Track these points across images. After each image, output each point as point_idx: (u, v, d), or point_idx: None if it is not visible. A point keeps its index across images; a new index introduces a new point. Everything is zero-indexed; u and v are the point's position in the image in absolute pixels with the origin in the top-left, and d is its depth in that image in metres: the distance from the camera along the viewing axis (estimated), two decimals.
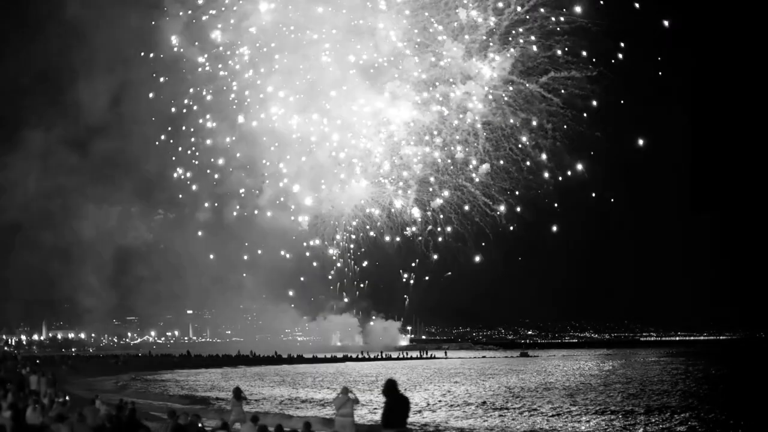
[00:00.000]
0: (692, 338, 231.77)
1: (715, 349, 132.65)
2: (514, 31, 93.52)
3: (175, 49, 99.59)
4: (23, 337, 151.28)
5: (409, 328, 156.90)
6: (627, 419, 28.44)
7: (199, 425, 15.89)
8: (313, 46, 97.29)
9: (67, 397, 24.50)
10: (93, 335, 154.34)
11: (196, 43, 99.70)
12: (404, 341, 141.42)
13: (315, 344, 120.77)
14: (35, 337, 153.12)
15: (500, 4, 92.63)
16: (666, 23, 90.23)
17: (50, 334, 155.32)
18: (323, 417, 27.26)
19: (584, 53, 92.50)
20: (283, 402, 37.62)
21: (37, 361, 66.68)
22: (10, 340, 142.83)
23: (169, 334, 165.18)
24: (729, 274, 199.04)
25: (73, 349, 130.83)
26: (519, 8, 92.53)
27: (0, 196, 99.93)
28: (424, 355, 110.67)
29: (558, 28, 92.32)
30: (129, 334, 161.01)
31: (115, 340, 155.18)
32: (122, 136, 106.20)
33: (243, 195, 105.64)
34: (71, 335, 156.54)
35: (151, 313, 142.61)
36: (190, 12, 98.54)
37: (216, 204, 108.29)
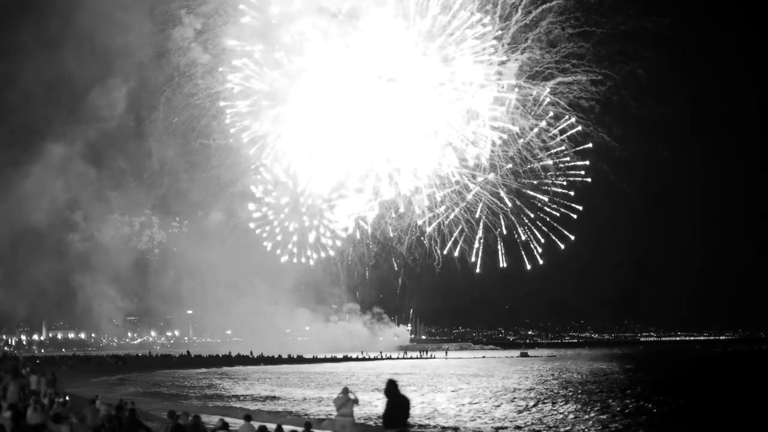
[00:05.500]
0: (692, 338, 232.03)
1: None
2: (520, 36, 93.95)
3: (189, 55, 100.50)
4: (23, 337, 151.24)
5: (409, 328, 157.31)
6: None
7: (200, 425, 15.86)
8: (324, 51, 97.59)
9: (67, 397, 24.46)
10: (93, 335, 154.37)
11: (210, 48, 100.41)
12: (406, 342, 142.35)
13: (317, 345, 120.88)
14: (35, 337, 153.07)
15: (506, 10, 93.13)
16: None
17: (50, 334, 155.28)
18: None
19: (589, 56, 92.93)
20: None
21: (37, 361, 66.73)
22: (10, 340, 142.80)
23: (169, 334, 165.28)
24: (729, 274, 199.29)
25: (74, 349, 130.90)
26: (525, 14, 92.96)
27: (20, 203, 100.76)
28: (425, 356, 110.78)
29: (565, 33, 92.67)
30: (129, 334, 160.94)
31: (116, 341, 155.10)
32: (137, 145, 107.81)
33: (254, 197, 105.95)
34: (71, 335, 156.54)
35: (151, 313, 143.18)
36: (204, 14, 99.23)
37: (228, 206, 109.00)
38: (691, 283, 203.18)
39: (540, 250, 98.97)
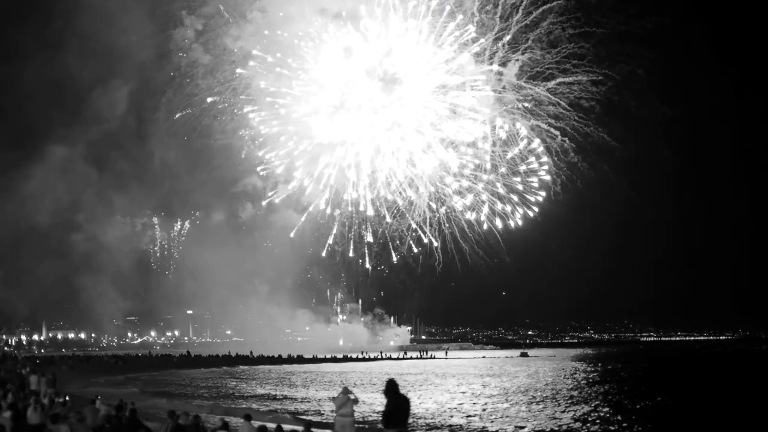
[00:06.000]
0: (692, 338, 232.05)
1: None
2: (521, 37, 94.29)
3: (190, 56, 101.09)
4: (23, 337, 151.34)
5: (409, 328, 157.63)
6: None
7: (200, 425, 15.85)
8: (326, 51, 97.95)
9: (67, 397, 24.47)
10: (93, 335, 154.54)
11: (211, 48, 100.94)
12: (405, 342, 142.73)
13: (318, 345, 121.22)
14: (35, 337, 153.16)
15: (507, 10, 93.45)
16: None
17: (50, 334, 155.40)
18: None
19: (590, 57, 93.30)
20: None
21: (37, 361, 66.80)
22: (10, 340, 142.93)
23: (169, 334, 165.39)
24: (729, 274, 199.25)
25: (74, 349, 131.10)
26: (526, 15, 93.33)
27: (22, 204, 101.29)
28: (424, 356, 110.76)
29: (565, 33, 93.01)
30: (129, 334, 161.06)
31: (116, 341, 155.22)
32: (139, 146, 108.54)
33: (256, 196, 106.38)
34: (71, 335, 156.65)
35: (151, 313, 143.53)
36: (204, 14, 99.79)
37: (229, 206, 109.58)
38: (691, 283, 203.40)
39: (520, 213, 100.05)
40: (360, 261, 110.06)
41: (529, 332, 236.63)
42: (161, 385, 52.46)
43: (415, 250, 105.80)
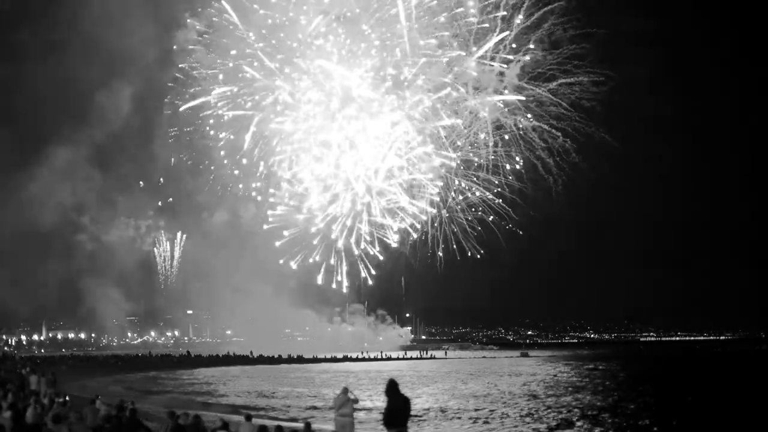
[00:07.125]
0: (692, 338, 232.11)
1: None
2: (522, 38, 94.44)
3: (193, 57, 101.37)
4: (23, 337, 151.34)
5: (409, 328, 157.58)
6: None
7: (200, 425, 15.83)
8: (327, 53, 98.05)
9: (67, 397, 24.43)
10: (93, 335, 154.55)
11: (213, 49, 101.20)
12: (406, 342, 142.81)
13: (319, 345, 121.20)
14: (35, 337, 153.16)
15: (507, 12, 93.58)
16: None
17: (50, 334, 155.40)
18: None
19: (591, 57, 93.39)
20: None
21: (38, 361, 66.84)
22: (10, 340, 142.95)
23: (169, 334, 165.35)
24: (729, 274, 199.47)
25: (74, 349, 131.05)
26: (527, 16, 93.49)
27: (26, 206, 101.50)
28: (424, 355, 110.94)
29: (567, 34, 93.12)
30: (129, 334, 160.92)
31: (115, 340, 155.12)
32: (142, 148, 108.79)
33: (258, 197, 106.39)
34: (71, 335, 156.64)
35: (151, 313, 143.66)
36: (207, 16, 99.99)
37: (232, 206, 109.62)
38: (691, 283, 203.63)
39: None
40: (362, 261, 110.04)
41: (529, 332, 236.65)
42: (165, 385, 52.46)
43: (418, 251, 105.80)
